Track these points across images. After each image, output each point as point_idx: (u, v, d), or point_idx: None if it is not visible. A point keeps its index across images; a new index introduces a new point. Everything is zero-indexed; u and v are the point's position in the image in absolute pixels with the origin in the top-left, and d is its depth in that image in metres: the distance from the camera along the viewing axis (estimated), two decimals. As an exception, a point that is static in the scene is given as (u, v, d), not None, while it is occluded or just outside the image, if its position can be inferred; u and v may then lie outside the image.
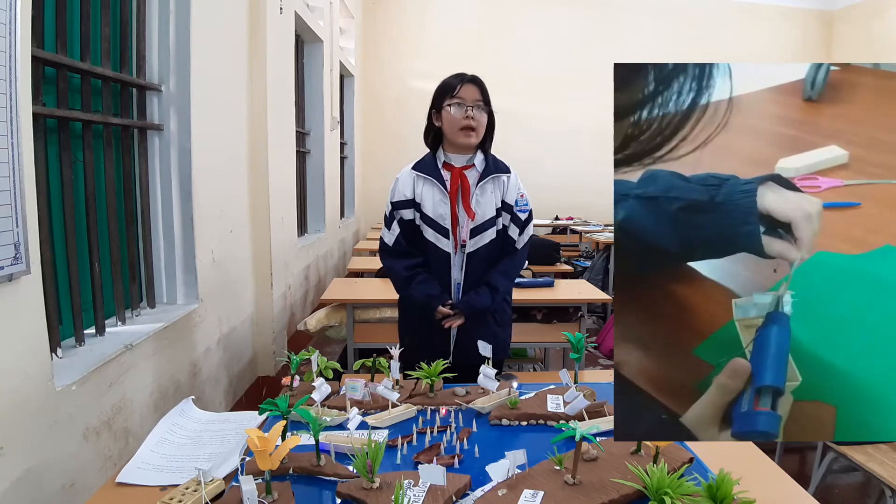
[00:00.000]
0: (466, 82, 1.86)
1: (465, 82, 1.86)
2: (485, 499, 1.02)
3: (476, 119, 1.84)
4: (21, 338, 1.33)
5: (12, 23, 1.25)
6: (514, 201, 1.94)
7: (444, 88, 1.89)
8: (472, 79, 1.88)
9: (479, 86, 1.87)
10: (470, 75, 1.89)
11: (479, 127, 1.86)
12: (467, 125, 1.83)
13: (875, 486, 2.38)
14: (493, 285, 1.91)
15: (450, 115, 1.85)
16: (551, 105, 7.98)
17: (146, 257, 2.22)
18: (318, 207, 5.03)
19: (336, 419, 1.35)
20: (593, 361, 4.14)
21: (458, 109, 1.84)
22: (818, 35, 8.53)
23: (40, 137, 1.52)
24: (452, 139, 1.88)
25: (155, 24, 2.20)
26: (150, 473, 1.15)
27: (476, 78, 1.89)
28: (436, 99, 1.91)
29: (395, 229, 1.94)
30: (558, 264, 4.69)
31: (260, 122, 3.14)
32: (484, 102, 1.86)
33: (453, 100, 1.85)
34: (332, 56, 5.19)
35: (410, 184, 1.92)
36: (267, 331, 3.24)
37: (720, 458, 1.09)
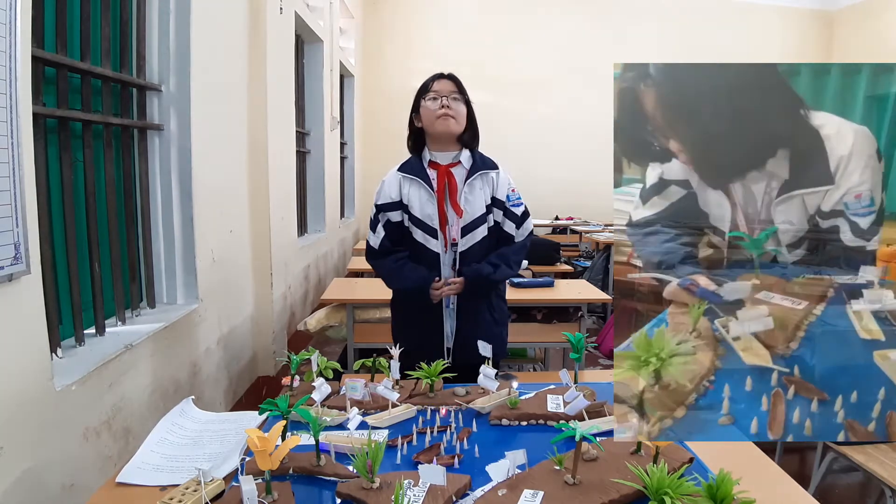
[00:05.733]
0: (440, 78, 1.90)
1: (439, 78, 1.90)
2: (485, 499, 1.02)
3: (452, 107, 1.86)
4: (21, 338, 1.33)
5: (12, 23, 1.25)
6: (505, 197, 1.94)
7: (420, 88, 1.93)
8: (447, 75, 1.92)
9: (453, 80, 1.90)
10: (444, 73, 1.92)
11: (457, 115, 1.87)
12: (443, 112, 1.85)
13: (875, 486, 2.38)
14: (493, 262, 1.90)
15: (426, 109, 1.88)
16: (551, 105, 7.98)
17: (146, 257, 2.22)
18: (318, 207, 5.03)
19: (336, 419, 1.35)
20: (593, 361, 4.13)
21: (433, 101, 1.87)
22: (818, 35, 8.52)
23: (40, 137, 1.52)
24: (432, 130, 1.89)
25: (155, 24, 2.20)
26: (150, 473, 1.15)
27: (450, 74, 1.92)
28: (414, 101, 1.94)
29: (380, 232, 1.95)
30: (558, 264, 4.69)
31: (260, 122, 3.14)
32: (459, 93, 1.88)
33: (428, 94, 1.88)
34: (332, 56, 5.19)
35: (396, 185, 1.92)
36: (267, 331, 3.24)
37: (720, 458, 1.09)
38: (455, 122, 1.87)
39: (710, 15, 8.17)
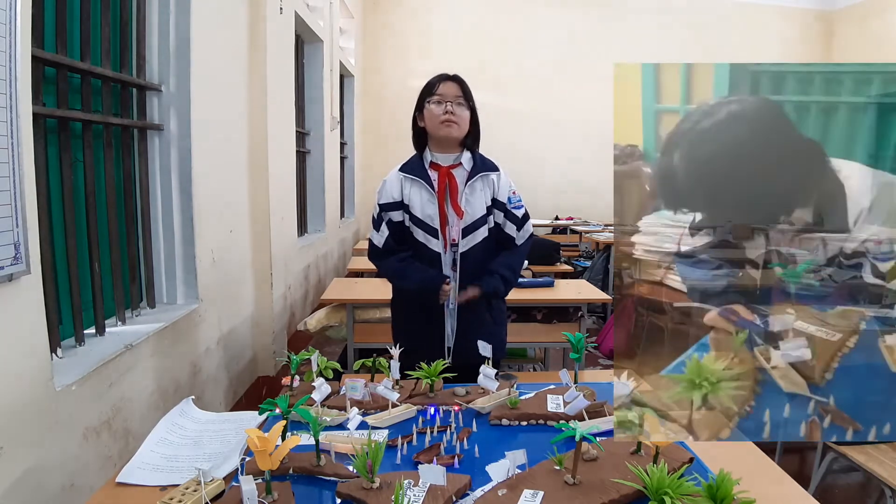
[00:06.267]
0: (446, 80, 1.89)
1: (445, 80, 1.89)
2: (485, 499, 1.02)
3: (456, 113, 1.86)
4: (21, 338, 1.33)
5: (12, 23, 1.25)
6: (506, 199, 1.94)
7: (424, 89, 1.92)
8: (452, 77, 1.91)
9: (458, 83, 1.90)
10: (450, 74, 1.91)
11: (460, 121, 1.87)
12: (447, 119, 1.85)
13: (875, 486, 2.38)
14: (504, 276, 1.93)
15: (431, 112, 1.87)
16: (551, 105, 7.97)
17: (146, 257, 2.22)
18: (318, 207, 5.03)
19: (336, 419, 1.35)
20: (593, 361, 4.13)
21: (437, 105, 1.86)
22: (818, 35, 8.52)
23: (40, 137, 1.52)
24: (435, 134, 1.89)
25: (155, 24, 2.20)
26: (150, 473, 1.15)
27: (456, 76, 1.91)
28: (418, 101, 1.94)
29: (384, 231, 1.95)
30: (558, 264, 4.69)
31: (260, 122, 3.14)
32: (464, 98, 1.88)
33: (433, 97, 1.87)
34: (332, 56, 5.19)
35: (398, 185, 1.93)
36: (267, 331, 3.24)
37: (720, 458, 1.09)
38: (458, 128, 1.87)
39: (710, 14, 8.17)
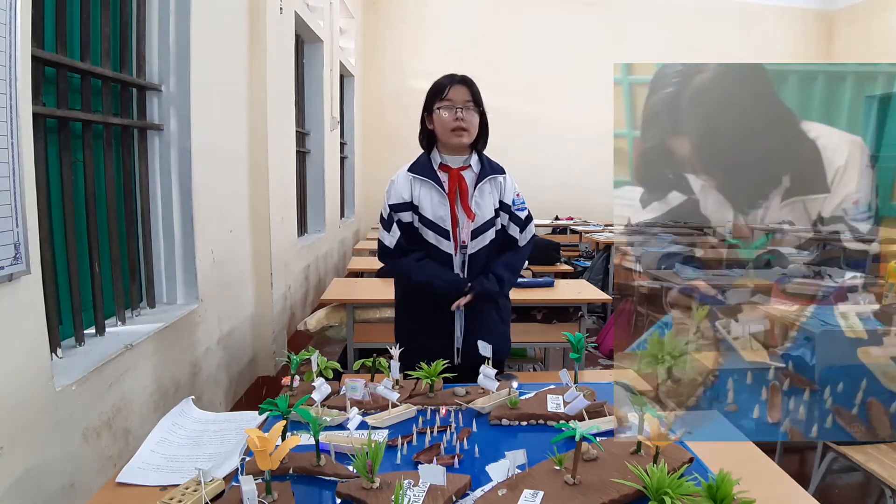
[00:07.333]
0: (456, 83, 1.86)
1: (455, 83, 1.86)
2: (485, 499, 1.02)
3: (466, 120, 1.84)
4: (21, 338, 1.33)
5: (12, 23, 1.25)
6: (511, 201, 1.94)
7: (434, 91, 1.89)
8: (462, 79, 1.87)
9: (469, 86, 1.86)
10: (460, 76, 1.87)
11: (470, 128, 1.85)
12: (458, 126, 1.83)
13: (875, 486, 2.38)
14: (499, 275, 1.91)
15: (440, 118, 1.85)
16: (551, 105, 7.98)
17: (146, 257, 2.22)
18: (318, 207, 5.03)
19: (336, 419, 1.35)
20: (593, 361, 4.13)
21: (448, 112, 1.83)
22: (818, 35, 8.52)
23: (40, 137, 1.52)
24: (445, 140, 1.88)
25: (155, 24, 2.20)
26: (150, 473, 1.15)
27: (466, 78, 1.88)
28: (427, 101, 1.91)
29: (395, 231, 1.92)
30: (558, 264, 4.69)
31: (260, 122, 3.14)
32: (475, 103, 1.86)
33: (443, 102, 1.84)
34: (332, 56, 5.19)
35: (408, 186, 1.91)
36: (267, 331, 3.24)
37: (720, 458, 1.09)
38: (469, 134, 1.85)
39: (710, 14, 8.17)
